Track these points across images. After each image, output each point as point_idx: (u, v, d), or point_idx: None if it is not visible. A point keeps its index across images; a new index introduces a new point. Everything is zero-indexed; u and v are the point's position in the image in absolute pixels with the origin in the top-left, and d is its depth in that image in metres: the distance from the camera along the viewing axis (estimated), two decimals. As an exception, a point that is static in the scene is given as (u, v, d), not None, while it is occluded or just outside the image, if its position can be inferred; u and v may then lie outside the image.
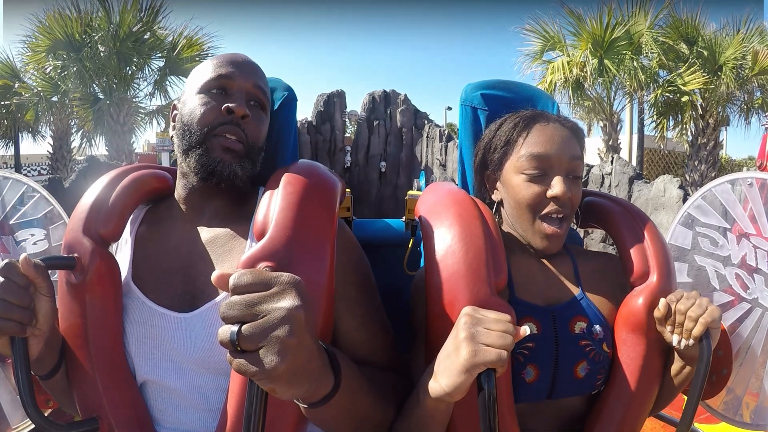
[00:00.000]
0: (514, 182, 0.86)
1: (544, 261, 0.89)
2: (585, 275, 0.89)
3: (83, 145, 9.37)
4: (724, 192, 0.99)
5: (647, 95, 8.31)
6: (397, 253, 1.22)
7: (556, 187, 0.82)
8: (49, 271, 0.71)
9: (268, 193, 0.77)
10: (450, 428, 0.71)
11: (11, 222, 1.00)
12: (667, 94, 8.08)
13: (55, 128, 9.48)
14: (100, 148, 9.21)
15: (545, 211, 0.84)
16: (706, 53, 7.93)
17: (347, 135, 9.54)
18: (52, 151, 9.69)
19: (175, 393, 0.76)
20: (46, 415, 0.71)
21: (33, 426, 0.81)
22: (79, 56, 8.07)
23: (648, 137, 10.43)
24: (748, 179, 0.96)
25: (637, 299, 0.82)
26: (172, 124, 0.86)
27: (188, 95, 0.83)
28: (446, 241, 0.76)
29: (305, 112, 9.71)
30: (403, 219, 1.35)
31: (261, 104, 0.85)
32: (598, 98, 8.52)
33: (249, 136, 0.81)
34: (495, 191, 0.92)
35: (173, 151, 0.87)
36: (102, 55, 8.17)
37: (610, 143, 8.67)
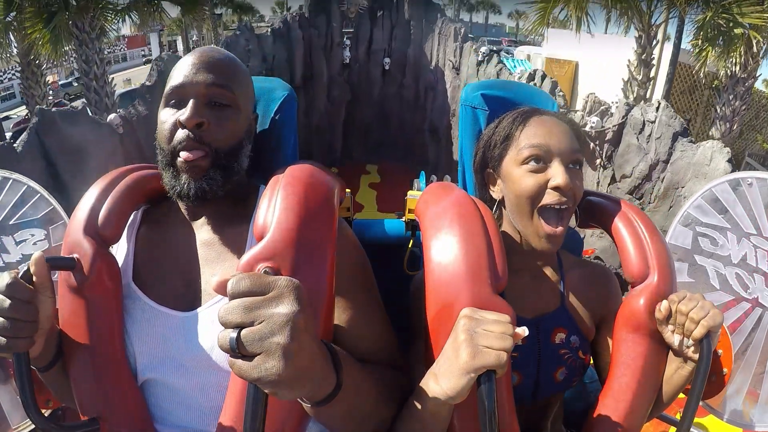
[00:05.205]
0: (515, 175, 0.85)
1: (535, 275, 0.91)
2: (569, 287, 0.93)
3: (53, 68, 7.74)
4: (724, 192, 0.99)
5: (693, 14, 7.06)
6: (397, 253, 1.22)
7: (558, 176, 0.81)
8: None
9: (267, 194, 0.77)
10: (450, 429, 0.71)
11: (11, 222, 1.00)
12: (720, 21, 6.67)
13: (20, 51, 7.85)
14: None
15: (546, 201, 0.82)
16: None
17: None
18: (21, 82, 8.30)
19: (177, 391, 0.77)
20: (46, 415, 0.72)
21: (33, 426, 0.81)
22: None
23: (682, 51, 8.48)
24: (748, 179, 0.96)
25: (637, 299, 0.82)
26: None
27: (160, 106, 0.82)
28: (446, 242, 0.76)
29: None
30: (403, 219, 1.35)
31: (224, 100, 0.80)
32: (636, 5, 7.16)
33: (212, 143, 0.78)
34: (496, 189, 0.91)
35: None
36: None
37: (643, 57, 7.51)
